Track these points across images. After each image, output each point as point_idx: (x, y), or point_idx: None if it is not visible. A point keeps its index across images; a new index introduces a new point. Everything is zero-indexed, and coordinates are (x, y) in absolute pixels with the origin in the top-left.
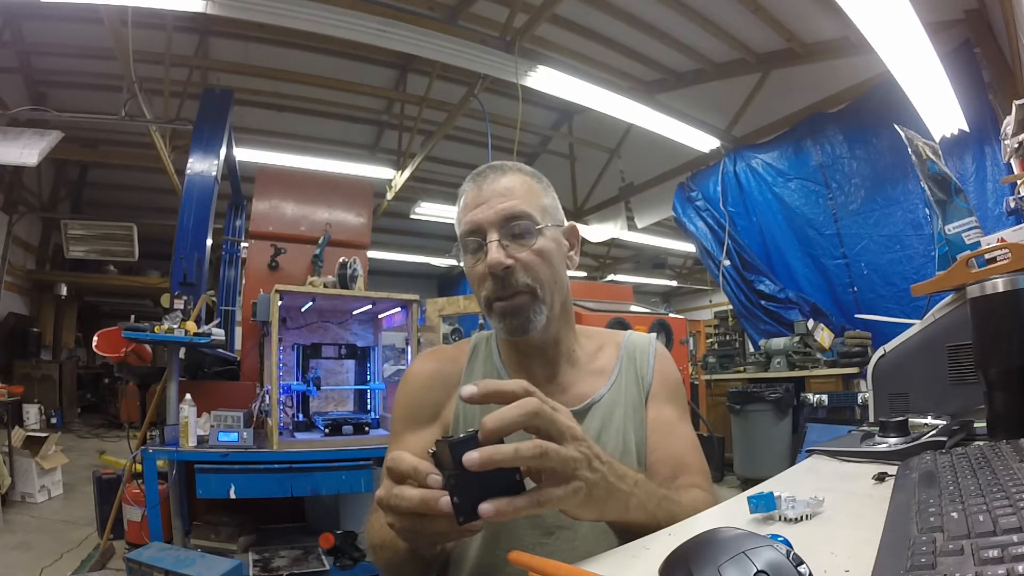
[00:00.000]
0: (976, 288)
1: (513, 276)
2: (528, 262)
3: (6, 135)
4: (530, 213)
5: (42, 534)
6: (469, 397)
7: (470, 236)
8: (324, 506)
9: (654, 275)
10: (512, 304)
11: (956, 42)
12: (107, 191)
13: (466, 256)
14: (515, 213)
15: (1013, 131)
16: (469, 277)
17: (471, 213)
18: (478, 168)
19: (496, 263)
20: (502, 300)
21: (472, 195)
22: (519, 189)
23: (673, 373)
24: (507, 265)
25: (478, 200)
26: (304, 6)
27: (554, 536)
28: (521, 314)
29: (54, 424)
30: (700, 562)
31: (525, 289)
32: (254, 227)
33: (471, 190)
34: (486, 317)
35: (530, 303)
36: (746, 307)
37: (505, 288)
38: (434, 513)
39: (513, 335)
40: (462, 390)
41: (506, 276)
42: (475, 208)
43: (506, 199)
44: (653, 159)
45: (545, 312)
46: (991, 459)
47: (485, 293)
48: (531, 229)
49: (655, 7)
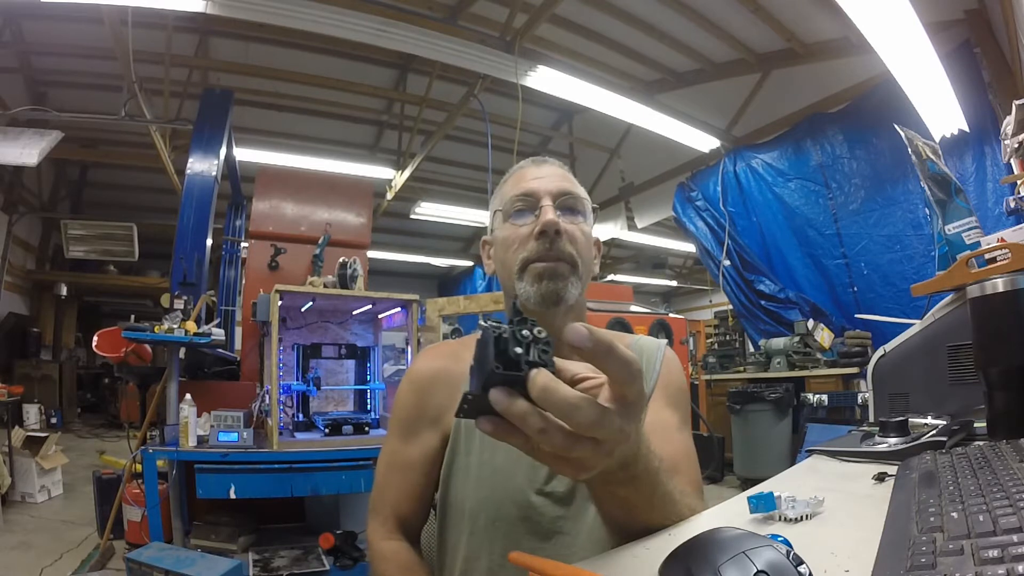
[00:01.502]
0: (976, 288)
1: (561, 241)
2: (575, 235)
3: (6, 135)
4: (582, 199)
5: (42, 534)
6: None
7: (520, 200)
8: (324, 506)
9: (654, 275)
10: (554, 267)
11: (956, 42)
12: (107, 191)
13: (508, 222)
14: (571, 191)
15: (1013, 131)
16: (504, 241)
17: (527, 183)
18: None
19: (552, 222)
20: (543, 261)
21: (528, 170)
22: (575, 185)
23: (678, 379)
24: (560, 227)
25: (536, 174)
26: (304, 6)
27: (552, 541)
28: (559, 279)
29: (54, 424)
30: (700, 562)
31: (568, 259)
32: (254, 227)
33: (528, 167)
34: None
35: (569, 272)
36: (746, 307)
37: (551, 250)
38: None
39: (545, 300)
40: (571, 327)
41: (556, 239)
42: (532, 180)
43: (566, 182)
44: (653, 159)
45: (578, 288)
46: (991, 459)
47: (525, 255)
48: (583, 211)
49: (655, 7)
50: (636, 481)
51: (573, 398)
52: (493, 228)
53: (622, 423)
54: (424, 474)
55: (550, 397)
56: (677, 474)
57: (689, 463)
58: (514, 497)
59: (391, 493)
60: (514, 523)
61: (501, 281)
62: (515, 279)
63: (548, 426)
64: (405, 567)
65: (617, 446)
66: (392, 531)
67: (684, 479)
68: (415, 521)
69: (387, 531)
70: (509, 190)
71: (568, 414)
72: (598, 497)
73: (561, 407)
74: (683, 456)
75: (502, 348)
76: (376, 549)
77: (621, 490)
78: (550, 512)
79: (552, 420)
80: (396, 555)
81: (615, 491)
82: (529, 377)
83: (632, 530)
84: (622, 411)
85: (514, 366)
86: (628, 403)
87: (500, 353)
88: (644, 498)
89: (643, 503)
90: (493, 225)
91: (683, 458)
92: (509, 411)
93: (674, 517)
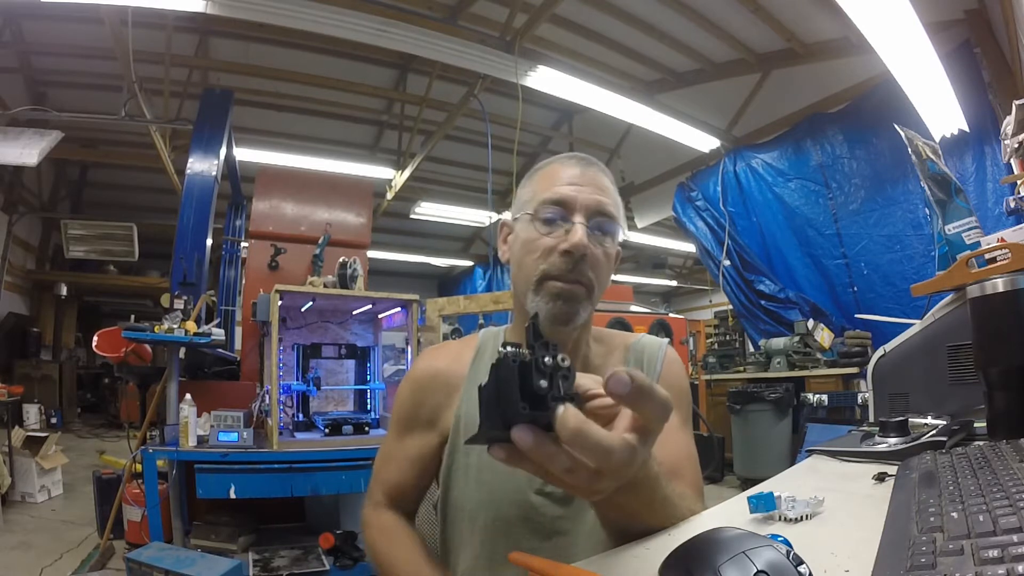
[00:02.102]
0: (976, 288)
1: (585, 265)
2: (597, 260)
3: (6, 135)
4: (616, 219)
5: (42, 534)
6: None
7: (553, 206)
8: (324, 506)
9: (654, 275)
10: (572, 289)
11: (956, 42)
12: (107, 191)
13: (535, 223)
14: (607, 212)
15: (1013, 131)
16: (528, 245)
17: (566, 187)
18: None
19: (582, 244)
20: (564, 282)
21: (569, 169)
22: (612, 196)
23: (679, 380)
24: (588, 252)
25: (577, 180)
26: (304, 6)
27: (552, 541)
28: (573, 303)
29: (54, 424)
30: (700, 562)
31: (587, 283)
32: (254, 227)
33: (568, 166)
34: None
35: (584, 297)
36: (746, 307)
37: (573, 272)
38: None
39: (556, 320)
40: (612, 376)
41: (580, 262)
42: (571, 185)
43: (603, 196)
44: (653, 159)
45: (589, 311)
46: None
47: (545, 267)
48: (614, 232)
49: (655, 7)
50: (636, 487)
51: (607, 442)
52: (517, 216)
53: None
54: (419, 467)
55: (583, 441)
56: (678, 477)
57: (690, 465)
58: (514, 497)
59: (383, 481)
60: (514, 523)
61: (513, 277)
62: (530, 289)
63: (576, 466)
64: (383, 528)
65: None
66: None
67: (684, 481)
68: (406, 507)
69: (375, 505)
70: (544, 187)
71: (602, 458)
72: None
73: (595, 452)
74: (684, 458)
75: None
76: (364, 520)
77: (621, 497)
78: (550, 512)
79: (580, 460)
80: (379, 519)
81: (615, 498)
82: (557, 416)
83: (631, 534)
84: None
85: (540, 402)
86: (651, 433)
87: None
88: (644, 503)
89: (643, 508)
90: (518, 214)
91: (684, 460)
92: (535, 452)
93: (673, 520)
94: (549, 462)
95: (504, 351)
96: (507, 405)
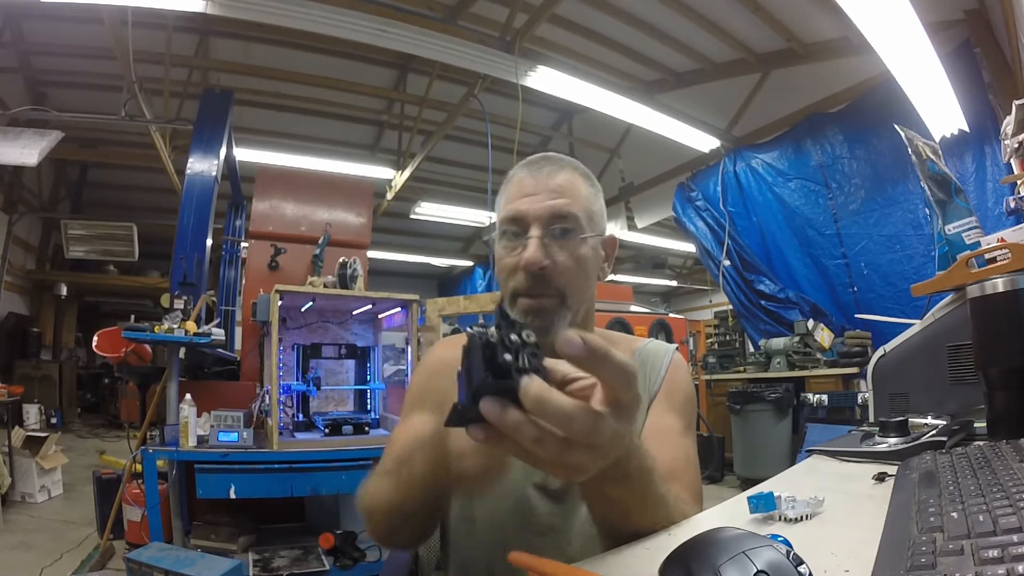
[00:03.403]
0: (976, 288)
1: (546, 277)
2: (565, 266)
3: (6, 135)
4: (578, 217)
5: (42, 534)
6: (570, 352)
7: (510, 224)
8: (324, 506)
9: (654, 275)
10: (539, 303)
11: (956, 42)
12: (107, 191)
13: (501, 242)
14: (563, 213)
15: (1013, 131)
16: (498, 264)
17: (518, 201)
18: (533, 156)
19: (534, 261)
20: (530, 298)
21: (522, 184)
22: (572, 190)
23: (684, 385)
24: (543, 265)
25: (528, 190)
26: (304, 6)
27: (545, 537)
28: (545, 316)
29: (54, 424)
30: (700, 562)
31: (555, 293)
32: (254, 227)
33: (523, 177)
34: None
35: (557, 307)
36: (746, 307)
37: (536, 287)
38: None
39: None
40: (563, 337)
41: (539, 276)
42: (523, 197)
43: (558, 197)
44: (653, 159)
45: (568, 319)
46: (991, 459)
47: (514, 285)
48: (575, 234)
49: (655, 7)
50: (628, 480)
51: (568, 407)
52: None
53: (617, 427)
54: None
55: (545, 407)
56: (674, 479)
57: (688, 469)
58: (510, 490)
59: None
60: (507, 516)
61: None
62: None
63: (543, 435)
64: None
65: (612, 449)
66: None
67: (681, 485)
68: None
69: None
70: (504, 202)
71: (563, 423)
72: (590, 496)
73: (556, 416)
74: (683, 461)
75: (490, 355)
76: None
77: (614, 489)
78: (544, 508)
79: (547, 428)
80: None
81: (607, 490)
82: (521, 385)
83: (623, 533)
84: (617, 414)
85: (504, 374)
86: (622, 406)
87: (489, 360)
88: (637, 498)
89: (636, 504)
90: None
91: (682, 463)
92: (501, 422)
93: (666, 522)
94: (516, 433)
95: (471, 330)
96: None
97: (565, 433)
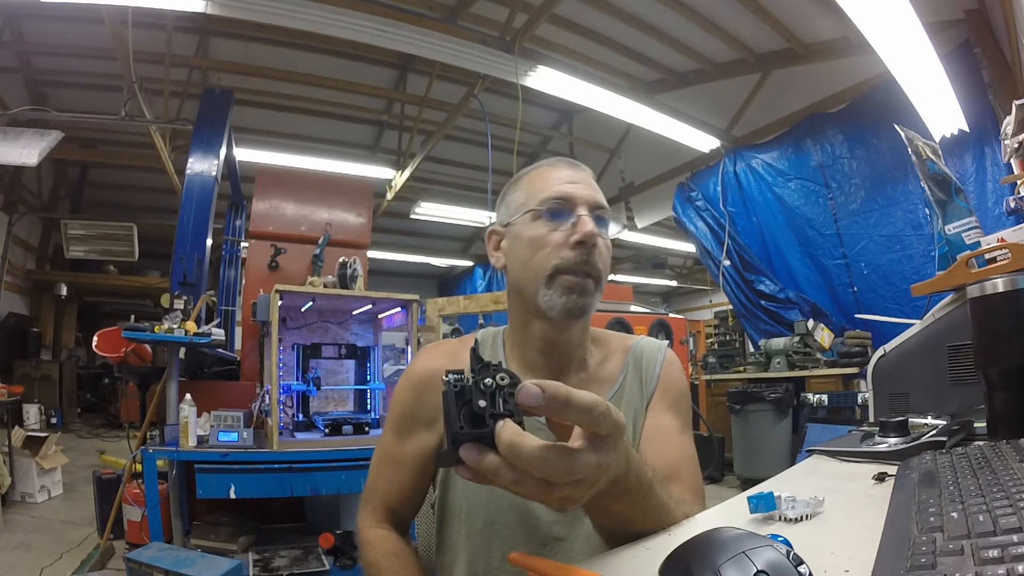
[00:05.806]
0: (976, 288)
1: (596, 255)
2: (603, 251)
3: (6, 135)
4: (610, 211)
5: (42, 534)
6: (529, 403)
7: (558, 202)
8: (324, 506)
9: (654, 275)
10: (583, 283)
11: (956, 42)
12: (107, 191)
13: (540, 221)
14: (603, 204)
15: (1013, 131)
16: (533, 243)
17: (566, 185)
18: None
19: (593, 233)
20: (575, 275)
21: (563, 171)
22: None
23: (679, 382)
24: (602, 236)
25: (574, 178)
26: (304, 6)
27: (549, 547)
28: (585, 295)
29: (54, 424)
30: (700, 562)
31: (596, 275)
32: (254, 227)
33: (561, 167)
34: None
35: (595, 289)
36: (746, 307)
37: (584, 264)
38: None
39: (571, 314)
40: (522, 389)
41: (591, 253)
42: (570, 183)
43: (596, 192)
44: (653, 159)
45: (596, 304)
46: (991, 459)
47: (557, 262)
48: (608, 225)
49: (655, 7)
50: (628, 495)
51: (539, 451)
52: (511, 221)
53: (599, 458)
54: (416, 471)
55: (518, 453)
56: (676, 480)
57: (690, 468)
58: (511, 500)
59: (382, 484)
60: (511, 527)
61: (515, 278)
62: (540, 284)
63: (520, 477)
64: (391, 553)
65: (599, 479)
66: (381, 520)
67: (683, 485)
68: (404, 513)
69: (375, 520)
70: (540, 187)
71: (538, 467)
72: (591, 511)
73: (530, 463)
74: (684, 461)
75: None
76: (364, 536)
77: (614, 505)
78: (547, 517)
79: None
80: (382, 542)
81: (608, 506)
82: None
83: (625, 538)
84: (596, 447)
85: (479, 422)
86: (601, 438)
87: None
88: (638, 510)
89: (636, 515)
90: (513, 218)
91: (683, 463)
92: (480, 468)
93: (669, 525)
94: (495, 476)
95: (445, 378)
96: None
97: (541, 475)
